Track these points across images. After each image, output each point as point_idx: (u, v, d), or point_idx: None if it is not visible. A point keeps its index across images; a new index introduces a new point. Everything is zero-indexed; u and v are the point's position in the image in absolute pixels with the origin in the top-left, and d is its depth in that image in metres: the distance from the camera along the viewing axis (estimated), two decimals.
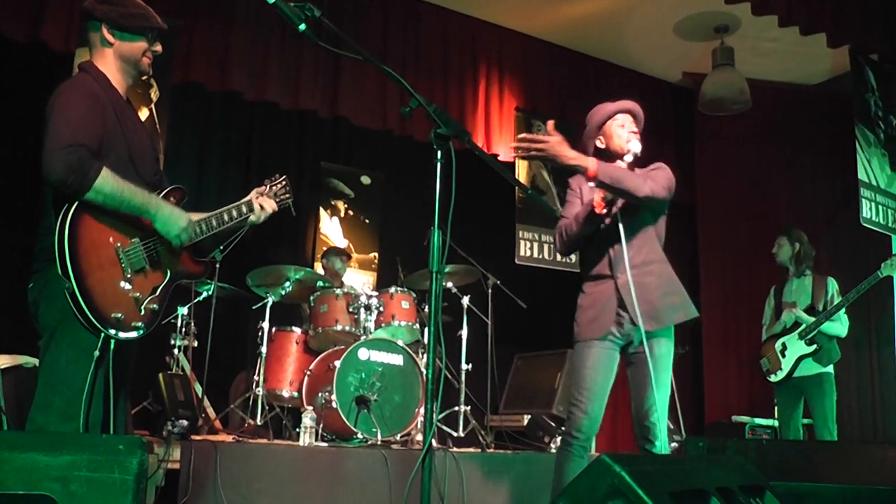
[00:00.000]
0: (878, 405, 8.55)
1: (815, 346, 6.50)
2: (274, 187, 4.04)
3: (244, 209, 3.80)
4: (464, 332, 6.77)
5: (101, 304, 3.09)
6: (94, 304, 3.06)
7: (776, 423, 7.88)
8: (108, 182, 3.11)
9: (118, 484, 1.85)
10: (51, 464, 1.86)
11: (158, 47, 3.56)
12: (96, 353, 3.06)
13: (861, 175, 7.69)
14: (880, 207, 7.84)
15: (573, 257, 8.57)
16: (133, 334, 3.21)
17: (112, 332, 3.11)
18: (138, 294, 3.25)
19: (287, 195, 4.09)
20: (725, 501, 2.17)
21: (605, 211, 4.25)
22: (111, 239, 3.21)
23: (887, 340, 8.49)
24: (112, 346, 3.12)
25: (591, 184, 4.14)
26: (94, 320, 3.05)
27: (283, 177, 4.12)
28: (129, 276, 3.22)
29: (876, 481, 2.99)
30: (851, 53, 7.97)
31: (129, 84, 3.54)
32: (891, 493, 2.83)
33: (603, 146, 4.49)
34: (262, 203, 3.86)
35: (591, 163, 4.05)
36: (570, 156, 4.01)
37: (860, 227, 7.71)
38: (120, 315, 3.14)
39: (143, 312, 3.26)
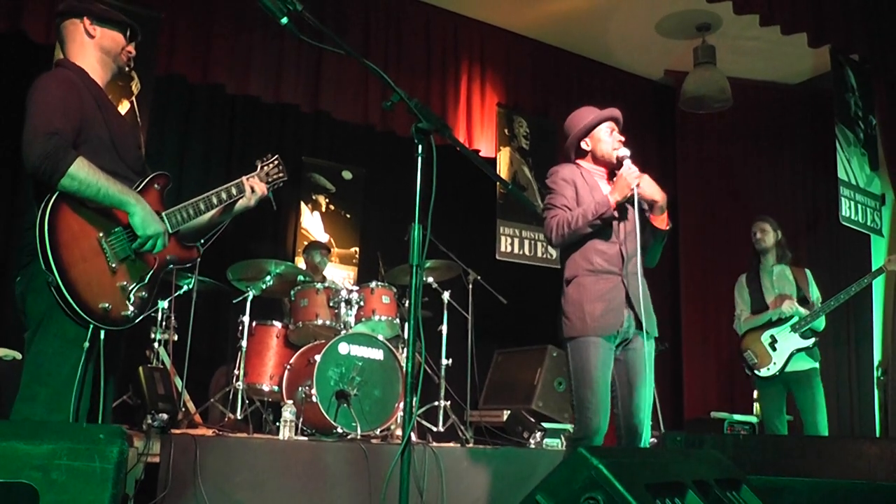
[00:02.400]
0: (856, 402, 8.60)
1: (813, 340, 6.43)
2: (266, 167, 4.04)
3: (234, 191, 3.81)
4: (444, 328, 6.77)
5: (87, 296, 3.08)
6: (79, 296, 3.05)
7: (755, 420, 7.88)
8: (82, 169, 3.09)
9: (98, 472, 1.85)
10: (31, 452, 1.86)
11: (132, 49, 3.59)
12: (86, 344, 3.06)
13: (841, 174, 7.73)
14: (859, 206, 7.89)
15: (553, 253, 8.60)
16: (122, 324, 3.21)
17: (100, 323, 3.11)
18: (124, 283, 3.24)
19: (280, 174, 4.09)
20: (702, 494, 2.19)
21: (615, 213, 4.33)
22: (93, 229, 3.19)
23: (865, 337, 8.54)
24: (102, 336, 3.12)
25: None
26: (80, 312, 3.05)
27: (276, 156, 4.12)
28: (113, 265, 3.21)
29: (852, 476, 3.02)
30: (832, 53, 8.01)
31: (108, 79, 3.55)
32: (866, 488, 2.86)
33: (588, 148, 4.59)
34: (254, 185, 3.87)
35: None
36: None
37: (839, 226, 7.75)
38: (107, 305, 3.14)
39: (131, 300, 3.25)
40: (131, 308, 3.25)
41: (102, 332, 3.12)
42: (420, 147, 2.98)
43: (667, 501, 2.08)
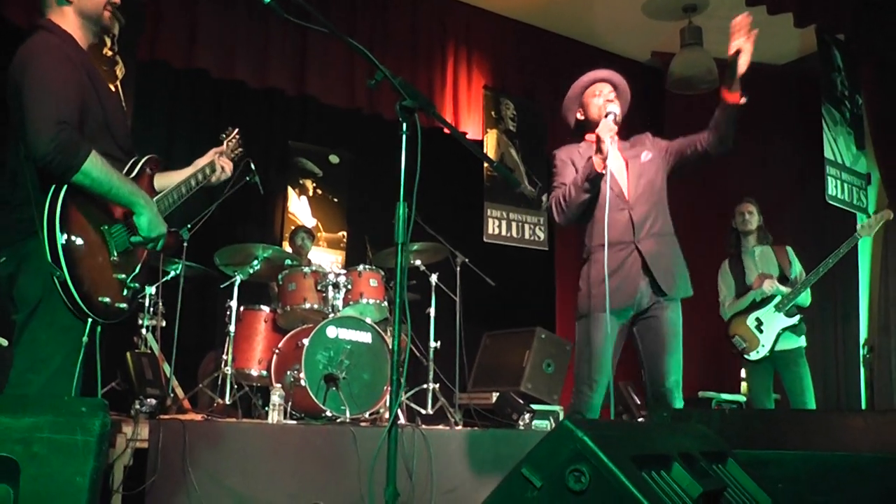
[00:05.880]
0: (843, 379, 8.64)
1: (798, 317, 6.44)
2: (230, 142, 4.09)
3: (207, 171, 3.87)
4: (432, 310, 6.77)
5: (90, 291, 3.03)
6: (84, 292, 2.99)
7: (743, 399, 7.91)
8: (96, 165, 3.01)
9: (80, 445, 1.84)
10: (12, 426, 1.85)
11: None
12: (85, 339, 3.02)
13: (827, 153, 7.76)
14: (845, 185, 7.92)
15: (541, 235, 8.62)
16: (118, 317, 3.19)
17: (100, 317, 3.07)
18: (122, 275, 3.21)
19: (239, 148, 4.19)
20: (688, 466, 2.19)
21: (605, 171, 4.28)
22: (98, 220, 3.13)
23: (852, 316, 8.58)
24: (98, 330, 3.09)
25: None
26: (83, 308, 2.99)
27: (236, 129, 4.27)
28: (114, 258, 3.17)
29: (837, 448, 3.04)
30: (818, 33, 8.02)
31: (91, 41, 3.41)
32: (850, 459, 2.88)
33: (582, 118, 4.56)
34: (223, 164, 3.95)
35: None
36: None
37: (826, 205, 7.77)
38: (107, 300, 3.10)
39: (125, 293, 3.22)
40: (126, 300, 3.22)
41: (99, 327, 3.09)
42: (405, 125, 2.98)
43: (652, 473, 2.08)
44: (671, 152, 4.57)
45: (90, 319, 3.04)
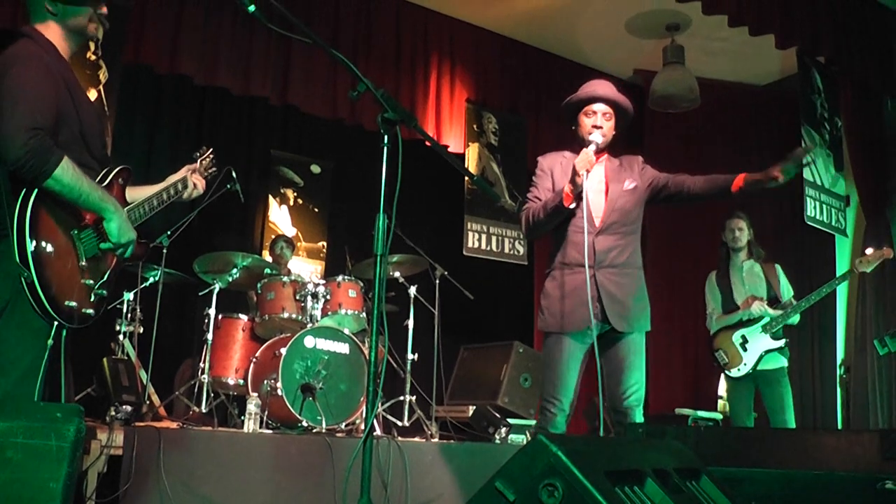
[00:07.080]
0: (820, 398, 8.68)
1: (784, 341, 6.46)
2: (203, 161, 4.10)
3: (180, 186, 3.87)
4: (410, 322, 6.76)
5: (57, 294, 3.05)
6: (51, 294, 3.01)
7: (719, 416, 7.93)
8: (67, 172, 3.05)
9: (54, 451, 1.84)
10: None
11: (104, 8, 3.43)
12: (50, 341, 3.01)
13: (806, 175, 7.80)
14: (824, 206, 7.96)
15: (521, 249, 8.63)
16: (84, 322, 3.19)
17: (66, 321, 3.07)
18: (91, 281, 3.22)
19: (213, 168, 4.20)
20: (661, 483, 2.20)
21: (573, 205, 4.28)
22: (67, 225, 3.16)
23: (829, 337, 8.62)
24: (64, 334, 3.08)
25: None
26: (50, 310, 3.00)
27: (210, 149, 4.25)
28: (83, 263, 3.19)
29: (810, 466, 3.06)
30: (799, 55, 8.07)
31: (74, 50, 3.44)
32: (824, 478, 2.89)
33: (576, 130, 4.56)
34: (195, 181, 3.94)
35: None
36: None
37: (805, 226, 7.82)
38: (74, 304, 3.11)
39: (93, 299, 3.23)
40: (92, 306, 3.24)
41: (64, 331, 3.09)
42: (386, 137, 2.99)
43: (626, 489, 2.09)
44: (654, 186, 4.57)
45: (56, 322, 3.04)
